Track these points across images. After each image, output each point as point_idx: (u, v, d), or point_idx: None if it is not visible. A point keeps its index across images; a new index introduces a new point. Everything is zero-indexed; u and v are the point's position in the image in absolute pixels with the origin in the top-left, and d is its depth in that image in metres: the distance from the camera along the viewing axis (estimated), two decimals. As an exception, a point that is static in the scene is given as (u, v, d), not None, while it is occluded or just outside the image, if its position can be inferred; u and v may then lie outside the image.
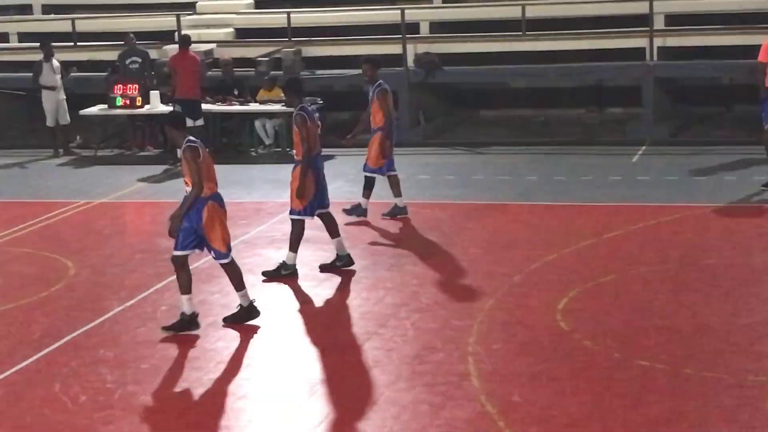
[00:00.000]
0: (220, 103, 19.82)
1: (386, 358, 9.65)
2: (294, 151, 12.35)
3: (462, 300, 11.16)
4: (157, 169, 18.72)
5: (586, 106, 21.95)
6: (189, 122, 19.01)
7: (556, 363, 9.38)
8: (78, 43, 22.27)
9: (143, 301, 11.53)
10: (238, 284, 10.64)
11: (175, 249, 10.42)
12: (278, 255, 13.00)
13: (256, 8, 23.38)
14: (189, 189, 10.27)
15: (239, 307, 10.69)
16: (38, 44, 20.68)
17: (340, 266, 12.31)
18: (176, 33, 21.38)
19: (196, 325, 10.47)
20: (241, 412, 8.75)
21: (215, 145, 19.85)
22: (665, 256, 12.39)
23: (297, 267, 12.21)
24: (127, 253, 13.49)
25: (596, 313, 10.62)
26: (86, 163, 19.75)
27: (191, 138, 10.34)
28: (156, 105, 19.78)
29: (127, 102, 19.94)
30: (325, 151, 19.15)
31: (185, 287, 10.44)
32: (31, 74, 20.59)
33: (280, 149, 19.77)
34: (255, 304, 10.68)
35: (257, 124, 19.97)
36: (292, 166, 12.46)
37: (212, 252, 10.53)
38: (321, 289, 11.73)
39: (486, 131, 21.06)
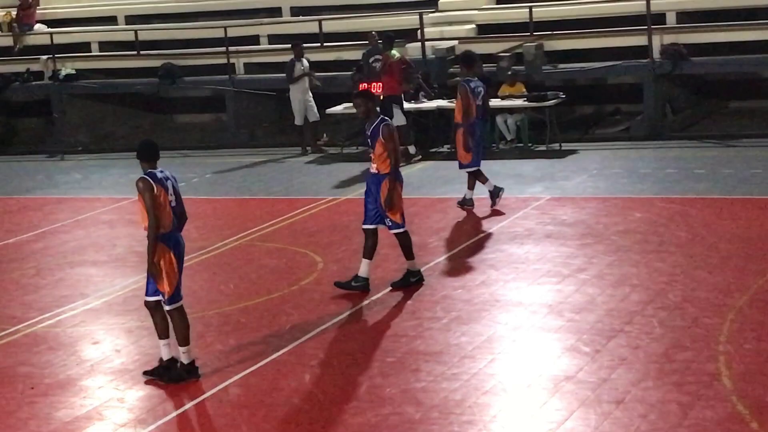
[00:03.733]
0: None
1: (633, 356, 9.46)
2: (374, 165, 11.73)
3: (712, 297, 10.81)
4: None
5: None
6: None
7: (814, 364, 8.97)
8: (324, 44, 22.84)
9: (388, 296, 11.71)
10: (181, 339, 9.74)
11: (146, 294, 9.78)
12: (520, 251, 12.98)
13: (497, 3, 23.37)
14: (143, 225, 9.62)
15: (180, 364, 9.81)
16: (288, 45, 21.35)
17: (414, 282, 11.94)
18: (419, 31, 21.63)
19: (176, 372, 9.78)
20: (485, 407, 8.76)
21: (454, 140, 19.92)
22: None
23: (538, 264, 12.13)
24: (373, 248, 13.72)
25: None
26: (332, 160, 20.25)
27: (150, 172, 9.53)
28: (399, 102, 20.07)
29: (371, 100, 20.27)
30: (566, 146, 19.16)
31: (161, 332, 9.82)
32: (280, 74, 21.33)
33: (521, 144, 19.70)
34: (195, 365, 9.78)
35: (498, 119, 19.95)
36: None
37: (159, 295, 9.68)
38: (564, 285, 11.61)
39: (736, 123, 20.34)
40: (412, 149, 19.35)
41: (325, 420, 8.73)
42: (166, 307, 9.74)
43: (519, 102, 19.52)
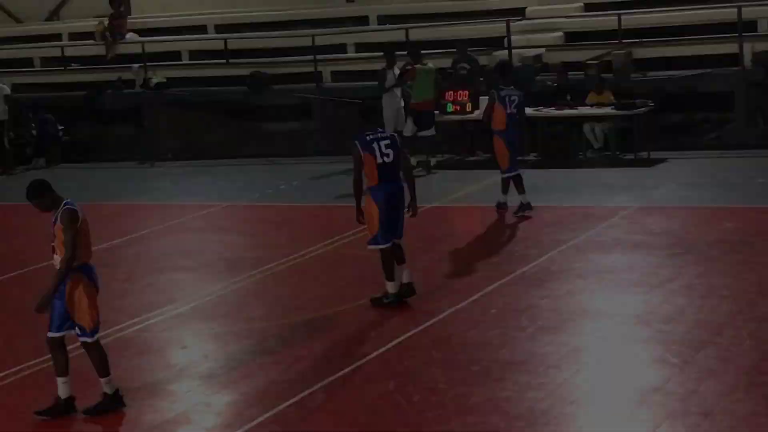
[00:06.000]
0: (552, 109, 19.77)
1: (722, 368, 9.32)
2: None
3: (804, 309, 10.62)
4: (485, 174, 18.89)
5: None
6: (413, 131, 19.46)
7: None
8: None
9: (472, 304, 11.68)
10: (102, 370, 9.45)
11: (49, 330, 9.35)
12: (607, 260, 12.87)
13: (585, 11, 23.19)
14: (57, 257, 9.26)
15: (103, 395, 9.46)
16: (375, 54, 21.40)
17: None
18: (505, 39, 21.55)
19: (72, 409, 9.45)
20: (571, 417, 8.69)
21: (541, 149, 19.81)
22: None
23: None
24: (457, 256, 13.71)
25: None
26: (416, 170, 20.21)
27: (70, 201, 9.26)
28: (486, 111, 19.99)
29: (458, 108, 20.30)
30: (655, 155, 18.92)
31: (61, 369, 9.39)
32: (366, 83, 21.39)
33: (609, 153, 19.53)
34: (119, 394, 9.51)
35: (586, 127, 19.80)
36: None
37: (76, 328, 9.33)
38: (652, 296, 11.47)
39: (830, 132, 19.95)
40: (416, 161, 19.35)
41: (410, 428, 8.73)
42: (88, 339, 9.35)
43: (607, 110, 19.35)
